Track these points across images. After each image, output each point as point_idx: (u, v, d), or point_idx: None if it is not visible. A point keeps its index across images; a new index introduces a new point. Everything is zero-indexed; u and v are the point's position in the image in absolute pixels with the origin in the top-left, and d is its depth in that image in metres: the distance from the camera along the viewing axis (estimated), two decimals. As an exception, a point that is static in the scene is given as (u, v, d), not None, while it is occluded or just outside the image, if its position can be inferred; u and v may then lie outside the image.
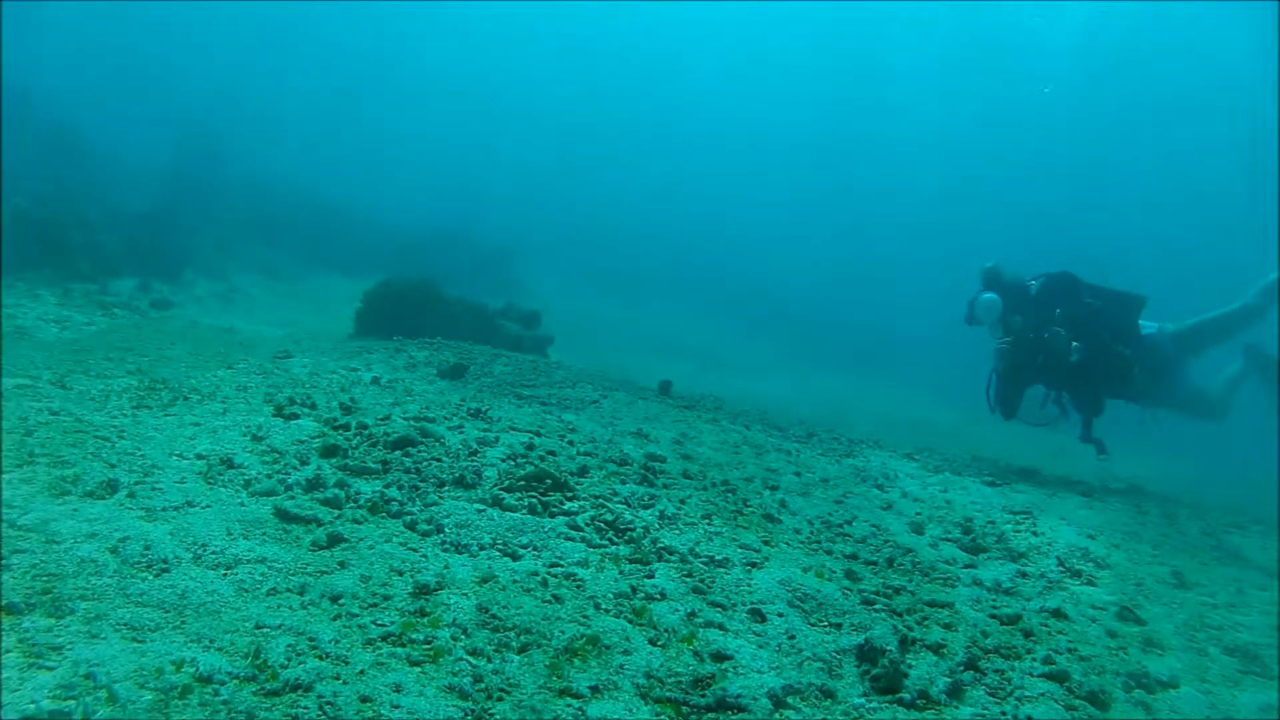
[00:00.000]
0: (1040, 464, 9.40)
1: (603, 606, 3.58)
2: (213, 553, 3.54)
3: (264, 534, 3.84)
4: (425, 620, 3.23)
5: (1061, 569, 5.35)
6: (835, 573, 4.49)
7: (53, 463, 4.26)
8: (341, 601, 3.29)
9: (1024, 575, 5.11)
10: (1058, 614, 4.45)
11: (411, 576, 3.57)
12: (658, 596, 3.77)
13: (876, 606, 4.12)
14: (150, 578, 3.25)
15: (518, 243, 29.23)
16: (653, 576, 3.99)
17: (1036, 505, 7.00)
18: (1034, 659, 3.81)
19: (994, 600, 4.57)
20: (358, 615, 3.21)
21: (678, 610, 3.65)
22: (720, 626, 3.59)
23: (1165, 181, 50.10)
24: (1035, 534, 6.06)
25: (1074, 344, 8.67)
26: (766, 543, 4.79)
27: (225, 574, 3.39)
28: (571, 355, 12.96)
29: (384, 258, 21.59)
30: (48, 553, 3.26)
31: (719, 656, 3.31)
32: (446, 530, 4.16)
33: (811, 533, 5.20)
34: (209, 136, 25.47)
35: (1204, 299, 9.83)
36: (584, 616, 3.45)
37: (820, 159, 62.26)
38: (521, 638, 3.20)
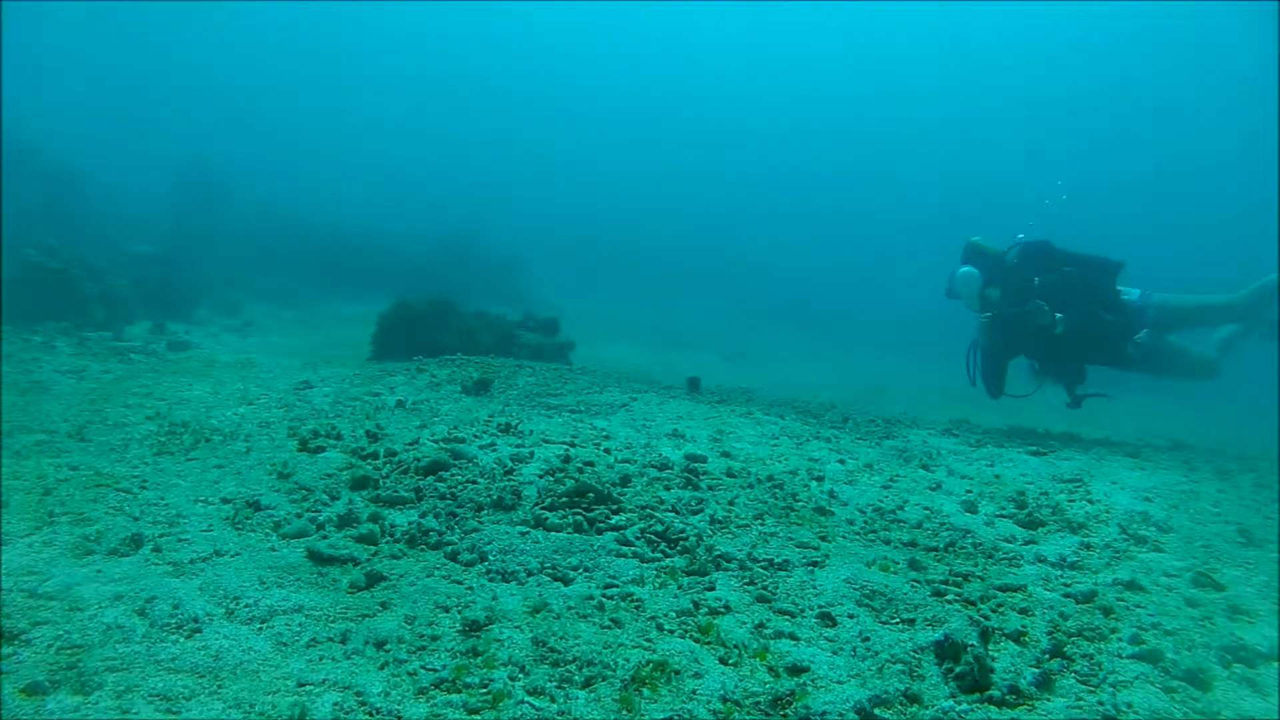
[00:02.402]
0: (1077, 428, 9.17)
1: (666, 627, 3.36)
2: (246, 606, 3.34)
3: (298, 580, 3.64)
4: (479, 660, 3.01)
5: (1125, 537, 5.12)
6: (899, 564, 4.27)
7: (74, 521, 4.10)
8: (387, 647, 3.09)
9: (1088, 547, 4.89)
10: (1132, 586, 4.23)
11: (459, 612, 3.37)
12: (722, 610, 3.55)
13: (948, 597, 3.89)
14: (181, 640, 3.04)
15: (525, 248, 29.15)
16: (714, 588, 3.77)
17: (1086, 471, 6.77)
18: (1120, 639, 3.58)
19: (1063, 577, 4.36)
20: (406, 661, 3.00)
21: (745, 623, 3.44)
22: (791, 636, 3.36)
23: (1163, 179, 50.07)
24: (1090, 502, 5.84)
25: (1057, 315, 8.50)
26: (823, 538, 4.58)
27: (261, 628, 3.19)
28: (592, 359, 12.79)
29: (396, 275, 21.49)
30: (71, 622, 3.07)
31: (795, 669, 3.09)
32: (490, 558, 3.95)
33: (865, 522, 5.01)
34: (208, 167, 25.46)
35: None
36: (647, 640, 3.23)
37: (827, 148, 62.37)
38: (584, 670, 2.98)
